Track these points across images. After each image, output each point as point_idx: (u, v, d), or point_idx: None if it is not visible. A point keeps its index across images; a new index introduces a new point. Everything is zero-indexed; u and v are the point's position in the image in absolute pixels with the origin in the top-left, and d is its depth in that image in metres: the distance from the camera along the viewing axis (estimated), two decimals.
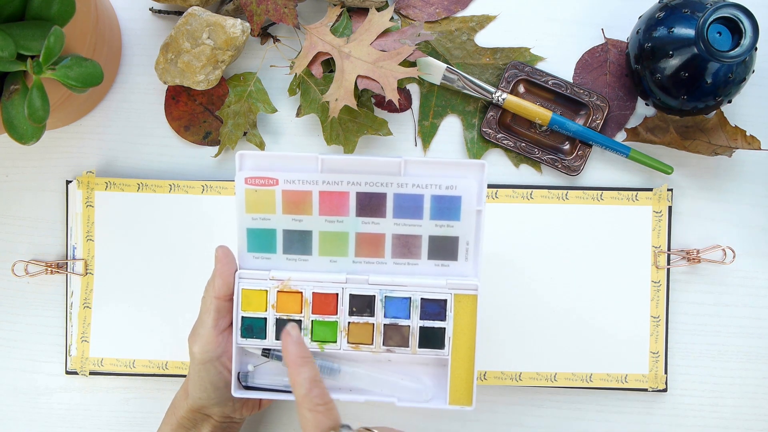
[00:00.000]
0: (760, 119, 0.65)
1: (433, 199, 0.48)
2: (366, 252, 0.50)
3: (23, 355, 0.66)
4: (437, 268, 0.50)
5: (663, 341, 0.63)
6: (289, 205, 0.48)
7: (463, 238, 0.49)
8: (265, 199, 0.48)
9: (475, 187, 0.48)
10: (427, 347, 0.50)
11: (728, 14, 0.54)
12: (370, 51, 0.61)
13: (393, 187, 0.48)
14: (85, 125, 0.66)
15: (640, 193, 0.63)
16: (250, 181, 0.47)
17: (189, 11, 0.60)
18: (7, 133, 0.52)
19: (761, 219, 0.65)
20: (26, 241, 0.66)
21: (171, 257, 0.64)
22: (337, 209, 0.48)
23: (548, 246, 0.63)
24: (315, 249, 0.49)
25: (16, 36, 0.50)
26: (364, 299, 0.50)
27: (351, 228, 0.49)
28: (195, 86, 0.62)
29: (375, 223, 0.48)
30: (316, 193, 0.48)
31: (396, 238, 0.49)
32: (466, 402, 0.50)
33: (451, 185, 0.47)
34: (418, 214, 0.48)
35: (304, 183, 0.47)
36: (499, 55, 0.64)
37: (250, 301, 0.51)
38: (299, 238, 0.49)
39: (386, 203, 0.48)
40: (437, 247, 0.49)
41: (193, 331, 0.53)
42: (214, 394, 0.52)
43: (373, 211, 0.48)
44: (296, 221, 0.48)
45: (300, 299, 0.50)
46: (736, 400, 0.64)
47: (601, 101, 0.63)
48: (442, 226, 0.48)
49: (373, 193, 0.48)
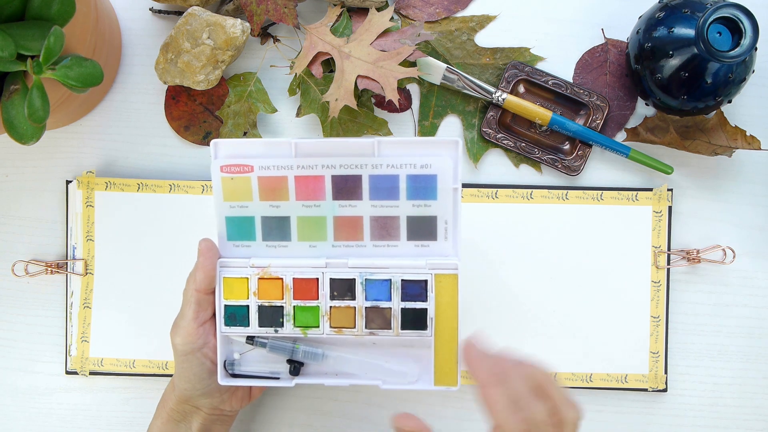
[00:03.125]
0: (760, 119, 0.65)
1: (409, 178, 0.48)
2: (345, 235, 0.50)
3: (23, 355, 0.66)
4: (417, 249, 0.50)
5: (663, 341, 0.63)
6: (266, 191, 0.49)
7: (441, 217, 0.49)
8: (242, 186, 0.49)
9: (451, 164, 0.48)
10: (409, 329, 0.51)
11: (728, 14, 0.54)
12: (370, 51, 0.61)
13: (368, 168, 0.48)
14: (85, 125, 0.66)
15: (640, 193, 0.63)
16: (226, 169, 0.48)
17: (189, 11, 0.60)
18: (7, 133, 0.52)
19: (761, 219, 0.65)
20: (26, 241, 0.66)
21: (171, 257, 0.64)
22: (314, 194, 0.49)
23: (548, 246, 0.63)
24: (294, 234, 0.50)
25: (16, 36, 0.50)
26: (345, 283, 0.50)
27: (328, 212, 0.49)
28: (195, 86, 0.62)
29: (352, 205, 0.49)
30: (292, 179, 0.48)
31: (374, 220, 0.49)
32: (451, 382, 0.50)
33: (426, 164, 0.47)
34: (394, 195, 0.48)
35: (278, 169, 0.48)
36: (499, 55, 0.64)
37: (232, 289, 0.51)
38: (278, 224, 0.50)
39: (362, 185, 0.48)
40: (416, 227, 0.49)
41: (175, 323, 0.53)
42: (199, 385, 0.53)
43: (349, 193, 0.49)
44: (274, 207, 0.49)
45: (281, 285, 0.51)
46: (736, 400, 0.64)
47: (601, 101, 0.63)
48: (420, 205, 0.48)
49: (349, 175, 0.48)
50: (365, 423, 0.64)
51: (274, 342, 0.52)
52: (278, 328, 0.52)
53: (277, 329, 0.52)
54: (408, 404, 0.64)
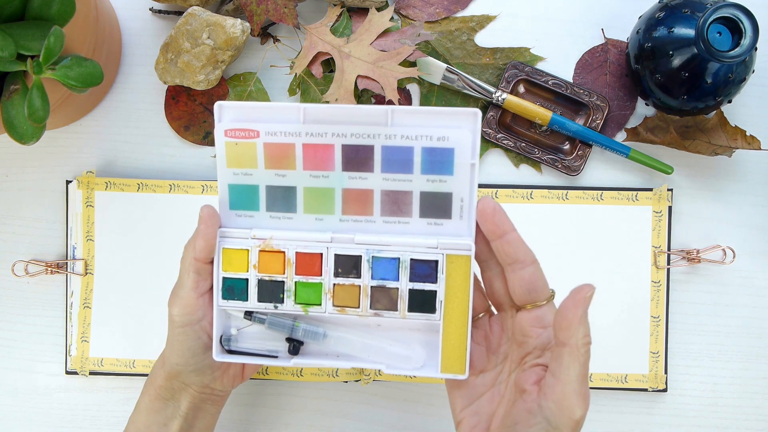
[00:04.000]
0: (760, 119, 0.65)
1: (424, 151, 0.45)
2: (354, 209, 0.47)
3: (23, 355, 0.66)
4: (429, 227, 0.47)
5: (663, 341, 0.63)
6: (272, 159, 0.46)
7: (457, 194, 0.46)
8: (246, 152, 0.46)
9: (469, 137, 0.45)
10: (417, 311, 0.48)
11: (728, 14, 0.54)
12: (370, 51, 0.61)
13: (381, 138, 0.45)
14: (85, 125, 0.66)
15: (640, 193, 0.63)
16: (230, 134, 0.45)
17: (189, 11, 0.60)
18: (7, 133, 0.52)
19: (761, 219, 0.65)
20: (26, 241, 0.66)
21: (171, 257, 0.64)
22: (322, 163, 0.46)
23: (548, 246, 0.63)
24: (300, 206, 0.47)
25: (16, 36, 0.50)
26: (350, 259, 0.47)
27: (337, 184, 0.46)
28: (195, 86, 0.62)
29: (362, 178, 0.46)
30: (300, 146, 0.45)
31: (385, 194, 0.46)
32: (459, 370, 0.47)
33: (443, 136, 0.44)
34: (408, 168, 0.46)
35: (286, 135, 0.45)
36: (499, 55, 0.64)
37: (231, 260, 0.48)
38: (283, 194, 0.47)
39: (374, 156, 0.45)
40: (429, 204, 0.46)
41: (173, 293, 0.50)
42: (192, 360, 0.50)
43: (360, 165, 0.46)
44: (279, 176, 0.46)
45: (282, 259, 0.48)
46: (736, 400, 0.64)
47: (601, 101, 0.63)
48: (434, 181, 0.46)
49: (360, 145, 0.45)
50: (366, 423, 0.64)
51: (273, 318, 0.49)
52: (278, 303, 0.49)
53: (277, 305, 0.49)
54: (411, 405, 0.64)
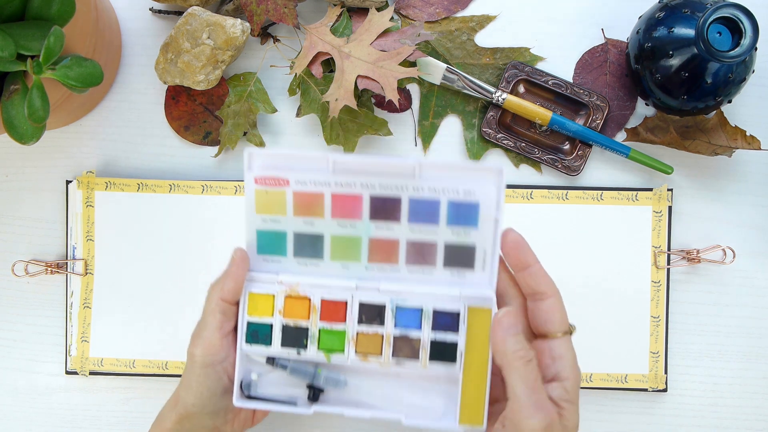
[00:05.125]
0: (760, 119, 0.65)
1: (450, 205, 0.46)
2: (379, 258, 0.48)
3: (23, 355, 0.66)
4: (452, 278, 0.48)
5: (663, 341, 0.63)
6: (301, 206, 0.46)
7: (480, 246, 0.47)
8: (276, 200, 0.46)
9: (494, 192, 0.46)
10: (438, 361, 0.48)
11: (728, 14, 0.54)
12: (370, 51, 0.61)
13: (408, 191, 0.45)
14: (85, 125, 0.66)
15: (640, 193, 0.63)
16: (261, 181, 0.45)
17: (189, 11, 0.60)
18: (7, 133, 0.52)
19: (761, 219, 0.65)
20: (26, 241, 0.66)
21: (171, 257, 0.64)
22: (350, 212, 0.46)
23: (548, 246, 0.63)
24: (327, 253, 0.48)
25: (16, 36, 0.50)
26: (374, 308, 0.48)
27: (364, 232, 0.47)
28: (195, 86, 0.62)
29: (389, 228, 0.46)
30: (329, 196, 0.46)
31: (410, 244, 0.47)
32: (477, 421, 0.47)
33: (469, 190, 0.45)
34: (434, 219, 0.46)
35: (315, 185, 0.46)
36: (499, 55, 0.64)
37: (257, 305, 0.49)
38: (310, 241, 0.47)
39: (401, 207, 0.46)
40: (453, 255, 0.47)
41: (196, 333, 0.50)
42: (209, 401, 0.50)
43: (387, 214, 0.46)
44: (307, 224, 0.47)
45: (308, 305, 0.49)
46: (736, 400, 0.64)
47: (601, 101, 0.63)
48: (459, 233, 0.46)
49: (388, 197, 0.46)
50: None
51: (295, 364, 0.50)
52: (301, 349, 0.49)
53: (300, 351, 0.49)
54: None
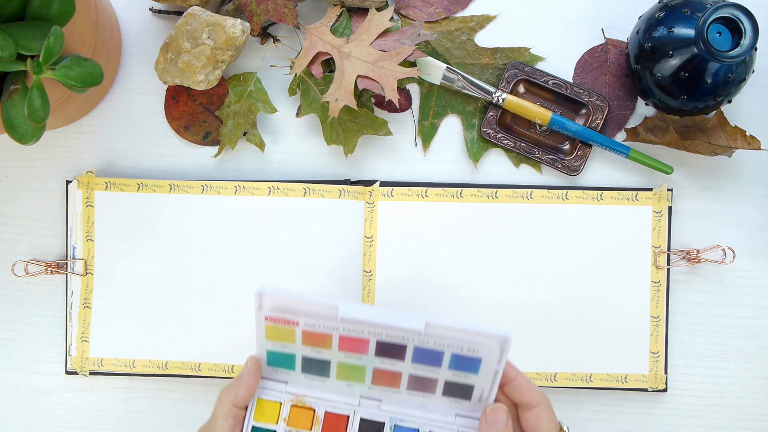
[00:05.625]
0: (760, 119, 0.65)
1: (454, 356, 0.48)
2: (382, 382, 0.50)
3: (23, 355, 0.66)
4: (450, 403, 0.50)
5: (663, 341, 0.63)
6: (309, 340, 0.48)
7: (479, 386, 0.49)
8: (286, 333, 0.48)
9: (497, 353, 0.47)
10: None
11: (728, 14, 0.54)
12: (370, 51, 0.61)
13: (414, 341, 0.47)
14: (85, 125, 0.66)
15: (640, 193, 0.63)
16: (271, 320, 0.48)
17: (189, 11, 0.60)
18: (7, 133, 0.52)
19: (761, 219, 0.65)
20: (26, 241, 0.66)
21: (171, 257, 0.64)
22: (357, 349, 0.48)
23: (548, 246, 0.63)
24: (333, 374, 0.50)
25: (16, 36, 0.50)
26: (374, 425, 0.50)
27: (369, 364, 0.49)
28: (195, 86, 0.62)
29: (393, 364, 0.49)
30: (336, 336, 0.48)
31: (413, 377, 0.49)
32: None
33: (473, 348, 0.47)
34: (437, 363, 0.48)
35: (324, 327, 0.48)
36: (499, 55, 0.64)
37: (264, 410, 0.51)
38: (318, 364, 0.50)
39: (406, 352, 0.48)
40: (453, 389, 0.49)
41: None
42: None
43: (392, 354, 0.48)
44: (315, 352, 0.49)
45: (312, 416, 0.51)
46: (736, 400, 0.64)
47: (601, 101, 0.63)
48: (460, 376, 0.48)
49: (394, 343, 0.48)
50: None
51: None
52: None
53: None
54: None
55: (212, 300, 0.63)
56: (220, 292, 0.63)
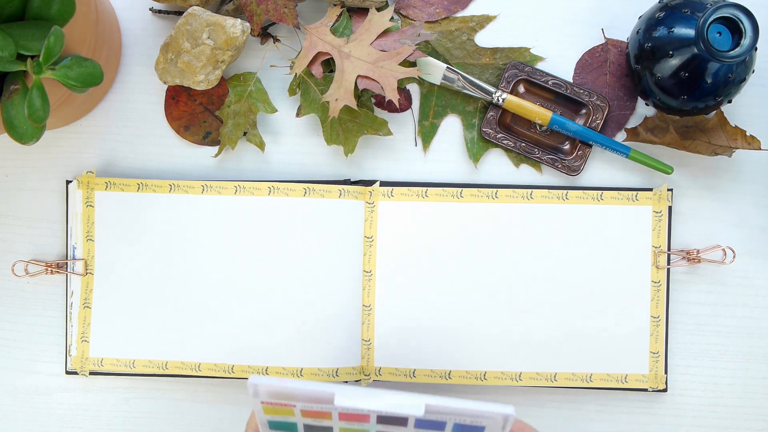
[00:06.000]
0: (760, 119, 0.65)
1: (457, 425, 0.47)
2: None
3: (23, 355, 0.66)
4: None
5: (663, 341, 0.63)
6: (309, 416, 0.48)
7: None
8: (284, 411, 0.48)
9: (500, 424, 0.46)
10: None
11: (728, 14, 0.54)
12: (370, 51, 0.61)
13: (415, 414, 0.47)
14: (85, 125, 0.66)
15: (640, 193, 0.63)
16: (267, 403, 0.47)
17: (189, 11, 0.60)
18: (7, 133, 0.52)
19: (761, 219, 0.65)
20: (26, 241, 0.66)
21: (171, 257, 0.64)
22: (358, 420, 0.48)
23: (548, 246, 0.63)
24: None
25: (16, 36, 0.50)
26: None
27: (372, 429, 0.49)
28: (195, 86, 0.62)
29: (397, 429, 0.48)
30: (336, 413, 0.47)
31: None
32: None
33: (476, 420, 0.46)
34: (440, 429, 0.48)
35: (322, 407, 0.47)
36: (499, 55, 0.64)
37: None
38: (320, 430, 0.49)
39: (408, 422, 0.47)
40: None
41: None
42: None
43: (395, 422, 0.48)
44: (317, 422, 0.48)
45: None
46: (736, 400, 0.64)
47: (601, 101, 0.63)
48: None
49: (395, 415, 0.47)
50: None
51: None
52: None
53: None
54: None
55: (212, 300, 0.63)
56: (221, 292, 0.63)
